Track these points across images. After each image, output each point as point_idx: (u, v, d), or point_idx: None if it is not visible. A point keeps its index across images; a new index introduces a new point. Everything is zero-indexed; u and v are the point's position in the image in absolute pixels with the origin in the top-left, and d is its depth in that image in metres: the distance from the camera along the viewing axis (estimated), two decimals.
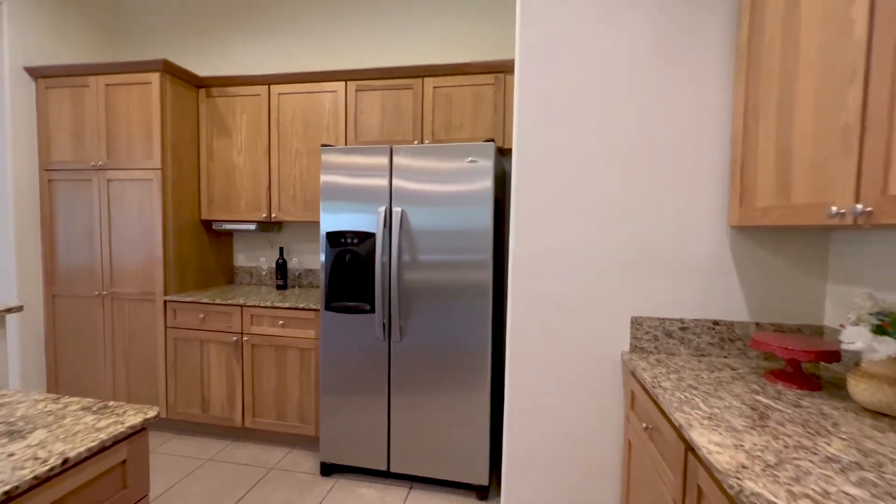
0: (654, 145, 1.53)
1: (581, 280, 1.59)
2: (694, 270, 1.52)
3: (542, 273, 1.61)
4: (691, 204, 1.51)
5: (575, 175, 1.58)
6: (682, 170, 1.52)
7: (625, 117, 1.54)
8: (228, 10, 3.07)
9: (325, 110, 2.63)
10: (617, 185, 1.56)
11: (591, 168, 1.57)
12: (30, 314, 2.70)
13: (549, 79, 1.59)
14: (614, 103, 1.55)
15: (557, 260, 1.60)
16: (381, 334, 2.14)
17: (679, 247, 1.53)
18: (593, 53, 1.55)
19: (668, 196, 1.53)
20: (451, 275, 2.06)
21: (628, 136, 1.55)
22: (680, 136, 1.51)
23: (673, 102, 1.51)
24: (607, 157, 1.56)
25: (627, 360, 1.48)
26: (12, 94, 2.58)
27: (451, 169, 2.04)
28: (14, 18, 2.58)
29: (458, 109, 2.49)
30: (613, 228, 1.56)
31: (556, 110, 1.59)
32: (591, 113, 1.56)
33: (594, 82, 1.56)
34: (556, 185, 1.60)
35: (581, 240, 1.58)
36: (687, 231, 1.52)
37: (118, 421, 0.95)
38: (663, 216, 1.53)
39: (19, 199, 2.63)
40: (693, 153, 1.51)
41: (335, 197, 2.18)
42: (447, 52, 2.83)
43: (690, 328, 1.52)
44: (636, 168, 1.54)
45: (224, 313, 2.52)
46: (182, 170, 2.67)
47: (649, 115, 1.53)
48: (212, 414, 2.57)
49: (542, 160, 1.60)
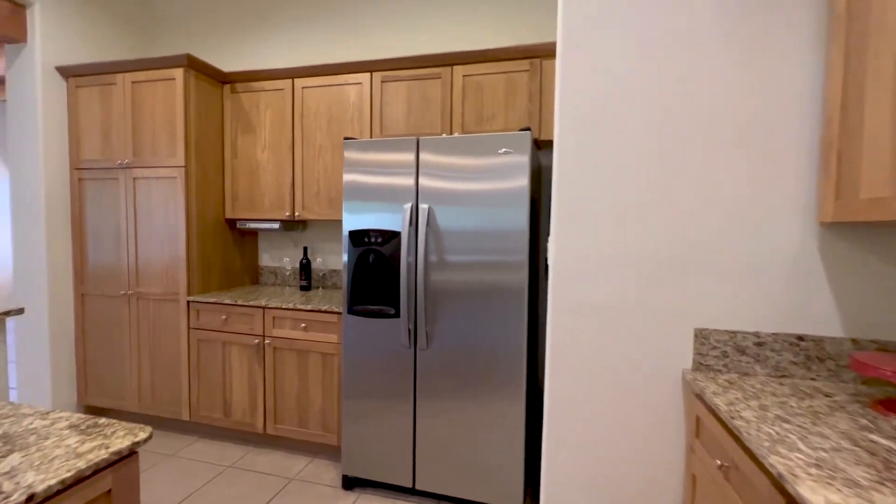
0: (722, 133, 1.30)
1: (634, 286, 1.38)
2: (772, 276, 1.28)
3: (588, 277, 1.41)
4: (769, 198, 1.28)
5: (628, 168, 1.37)
6: (756, 159, 1.28)
7: (685, 102, 1.32)
8: (256, 4, 3.01)
9: (349, 103, 2.51)
10: (676, 178, 1.34)
11: (646, 160, 1.36)
12: (60, 313, 2.71)
13: (596, 61, 1.39)
14: (671, 87, 1.33)
15: (606, 263, 1.40)
16: (406, 341, 1.99)
17: (753, 248, 1.29)
18: (645, 30, 1.34)
19: (741, 190, 1.29)
20: (483, 276, 1.88)
21: (691, 123, 1.32)
22: (754, 121, 1.28)
23: (742, 83, 1.28)
24: (666, 148, 1.35)
25: (691, 381, 1.26)
26: (44, 94, 2.60)
27: (483, 165, 1.87)
28: (46, 19, 2.59)
29: (490, 99, 2.32)
30: (674, 227, 1.34)
31: (604, 96, 1.38)
32: (645, 98, 1.35)
33: (647, 64, 1.35)
34: (604, 180, 1.39)
35: (635, 240, 1.37)
36: (764, 230, 1.28)
37: (103, 444, 0.83)
38: (735, 213, 1.30)
39: (50, 199, 2.64)
40: (771, 139, 1.27)
41: (358, 194, 2.05)
42: (477, 37, 2.65)
43: (768, 343, 1.28)
44: (700, 160, 1.32)
45: (246, 315, 2.43)
46: (206, 168, 2.61)
47: (714, 98, 1.30)
48: (234, 418, 2.49)
49: (589, 152, 1.40)
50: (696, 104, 1.32)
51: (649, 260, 1.36)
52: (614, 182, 1.39)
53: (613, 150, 1.38)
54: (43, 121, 2.59)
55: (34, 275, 2.65)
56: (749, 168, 1.29)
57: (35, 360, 2.70)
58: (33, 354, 2.70)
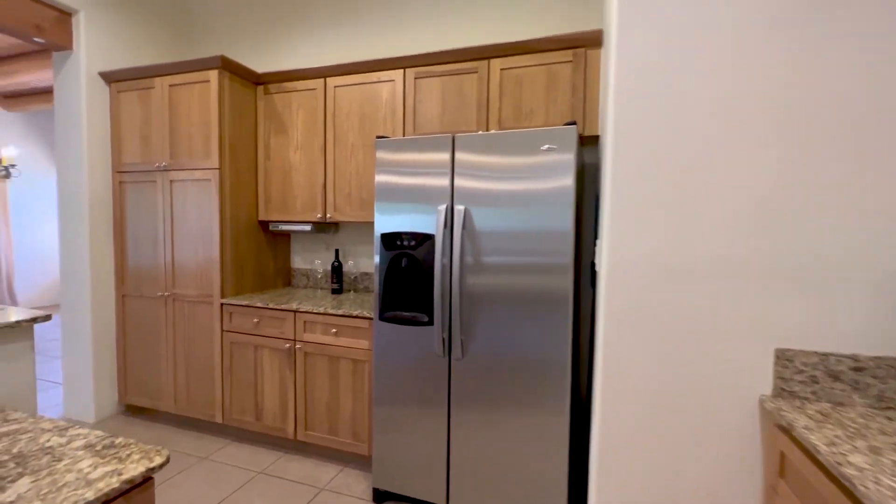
0: (818, 122, 1.12)
1: (702, 295, 1.21)
2: (875, 289, 1.09)
3: (647, 284, 1.25)
4: (873, 198, 1.08)
5: (695, 163, 1.21)
6: (860, 151, 1.09)
7: (766, 87, 1.15)
8: (291, 4, 2.99)
9: (381, 102, 2.43)
10: (751, 175, 1.16)
11: (716, 154, 1.19)
12: (102, 314, 2.77)
13: (656, 42, 1.23)
14: (747, 69, 1.16)
15: (669, 268, 1.23)
16: (440, 350, 1.88)
17: (852, 257, 1.10)
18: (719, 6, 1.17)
19: (838, 189, 1.11)
20: (523, 281, 1.75)
21: (774, 110, 1.15)
22: (864, 106, 1.09)
23: (846, 60, 1.09)
24: (739, 140, 1.17)
25: (774, 410, 1.08)
26: (89, 100, 2.66)
27: (523, 164, 1.73)
28: (90, 26, 2.65)
29: (529, 93, 2.17)
30: (751, 230, 1.17)
31: (666, 82, 1.22)
32: (715, 84, 1.18)
33: (719, 43, 1.18)
34: (666, 176, 1.23)
35: (704, 243, 1.20)
36: (868, 236, 1.09)
37: (116, 471, 0.76)
38: (829, 214, 1.11)
39: (94, 202, 2.70)
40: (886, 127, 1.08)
41: (390, 196, 1.96)
42: (515, 29, 2.51)
43: (869, 369, 1.08)
44: (780, 154, 1.14)
45: (277, 318, 2.40)
46: (240, 169, 2.60)
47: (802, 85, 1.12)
48: (265, 423, 2.46)
49: (648, 145, 1.25)
50: (788, 88, 1.14)
51: (722, 266, 1.19)
52: (678, 179, 1.22)
53: (679, 143, 1.22)
54: (87, 126, 2.65)
55: (79, 276, 2.72)
56: (851, 162, 1.10)
57: (79, 359, 2.77)
58: (78, 353, 2.77)
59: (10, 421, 0.94)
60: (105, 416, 2.83)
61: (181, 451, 2.46)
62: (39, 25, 2.49)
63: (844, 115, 1.10)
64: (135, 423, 2.78)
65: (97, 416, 2.78)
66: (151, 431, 2.67)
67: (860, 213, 1.09)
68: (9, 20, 2.37)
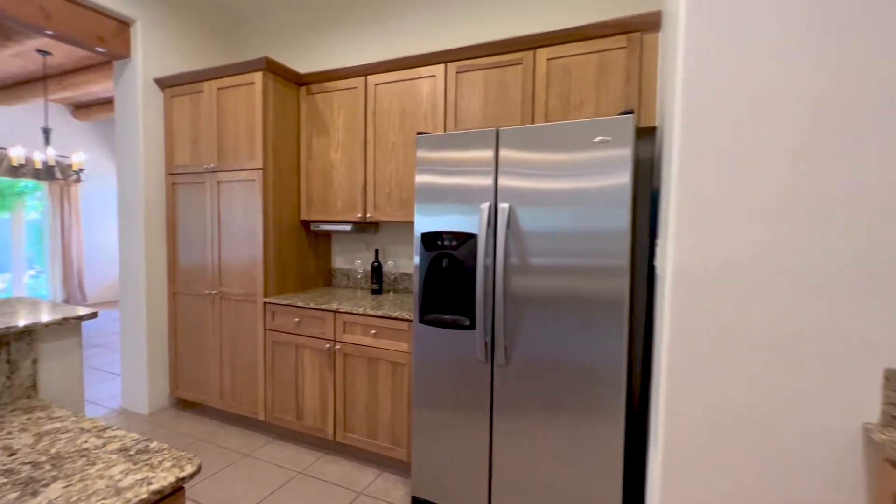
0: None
1: (790, 305, 1.04)
2: None
3: (722, 291, 1.10)
4: None
5: (782, 155, 1.05)
6: None
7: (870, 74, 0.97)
8: (332, 5, 3.00)
9: (422, 98, 2.36)
10: (852, 170, 0.99)
11: (809, 143, 1.02)
12: (156, 310, 2.89)
13: (731, 25, 1.08)
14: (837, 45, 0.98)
15: (750, 274, 1.07)
16: (482, 355, 1.79)
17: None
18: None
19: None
20: (573, 283, 1.62)
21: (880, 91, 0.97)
22: None
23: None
24: (835, 127, 1.00)
25: (884, 442, 0.91)
26: (145, 106, 2.78)
27: (573, 160, 1.61)
28: (146, 34, 2.77)
29: (578, 83, 2.04)
30: (853, 231, 0.99)
31: (740, 66, 1.07)
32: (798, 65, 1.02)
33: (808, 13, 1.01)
34: (745, 169, 1.08)
35: (793, 246, 1.04)
36: None
37: (146, 479, 0.73)
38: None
39: (149, 203, 2.82)
40: None
41: (431, 195, 1.88)
42: (560, 15, 2.38)
43: None
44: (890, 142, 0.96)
45: (317, 318, 2.39)
46: (282, 170, 2.63)
47: None
48: (305, 422, 2.46)
49: (722, 134, 1.10)
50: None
51: (816, 273, 1.02)
52: (761, 172, 1.06)
53: (755, 133, 1.06)
54: (143, 130, 2.78)
55: (134, 273, 2.85)
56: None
57: (135, 353, 2.90)
58: (134, 347, 2.90)
59: (54, 419, 0.94)
60: (157, 408, 2.94)
61: (227, 447, 2.51)
62: (101, 36, 2.62)
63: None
64: (184, 416, 2.88)
65: (150, 409, 2.90)
66: (200, 426, 2.75)
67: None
68: (75, 32, 2.52)
